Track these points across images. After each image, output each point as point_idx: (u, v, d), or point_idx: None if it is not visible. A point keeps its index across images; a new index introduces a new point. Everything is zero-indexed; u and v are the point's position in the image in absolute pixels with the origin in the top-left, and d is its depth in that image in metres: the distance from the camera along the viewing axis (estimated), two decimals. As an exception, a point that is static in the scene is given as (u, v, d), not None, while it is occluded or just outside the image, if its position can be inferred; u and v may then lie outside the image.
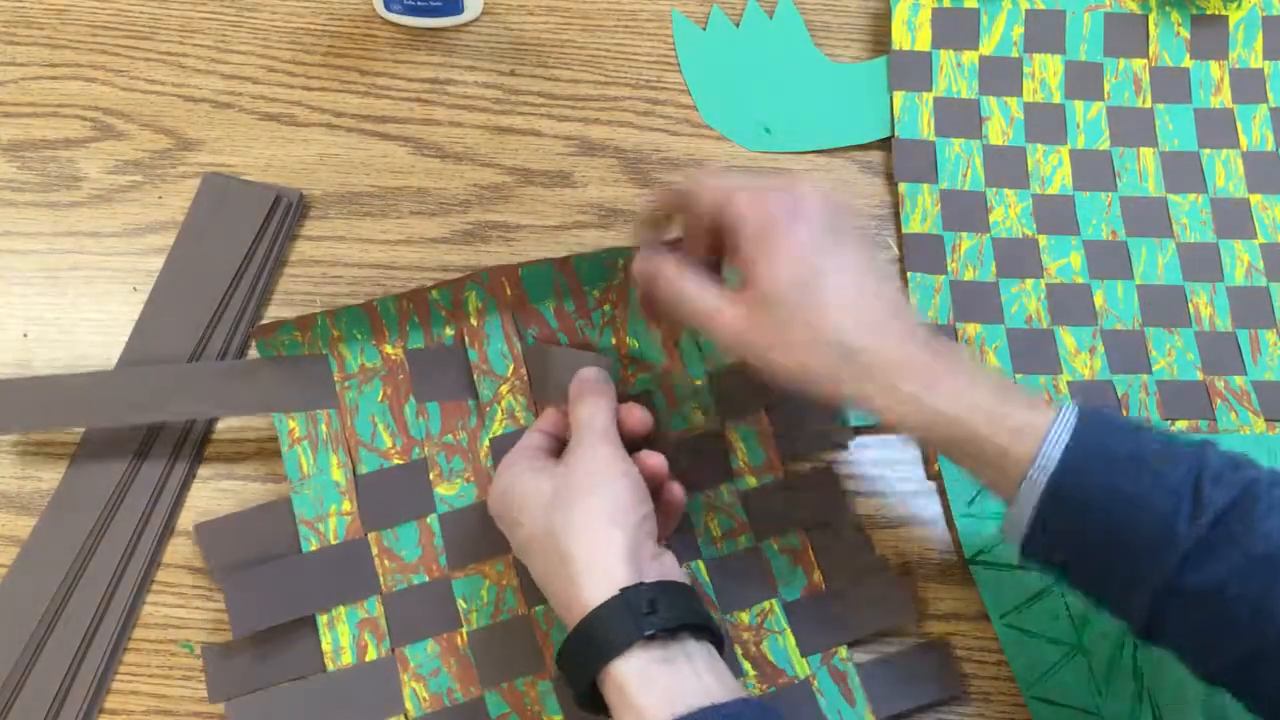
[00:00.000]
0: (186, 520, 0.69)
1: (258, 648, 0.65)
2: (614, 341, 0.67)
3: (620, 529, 0.56)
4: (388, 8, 0.83)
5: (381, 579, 0.66)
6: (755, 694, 0.65)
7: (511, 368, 0.68)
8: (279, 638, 0.65)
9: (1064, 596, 0.67)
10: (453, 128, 0.81)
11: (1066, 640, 0.67)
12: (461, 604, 0.66)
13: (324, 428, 0.68)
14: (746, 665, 0.66)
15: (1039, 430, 0.54)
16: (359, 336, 0.67)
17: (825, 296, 0.57)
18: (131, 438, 0.69)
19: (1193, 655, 0.54)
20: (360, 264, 0.76)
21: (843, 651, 0.66)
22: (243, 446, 0.71)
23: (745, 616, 0.67)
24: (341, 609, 0.65)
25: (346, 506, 0.67)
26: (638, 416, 0.63)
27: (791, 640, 0.66)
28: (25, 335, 0.72)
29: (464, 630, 0.66)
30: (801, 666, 0.66)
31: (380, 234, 0.77)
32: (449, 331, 0.68)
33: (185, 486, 0.69)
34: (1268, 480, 0.52)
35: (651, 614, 0.53)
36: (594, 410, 0.62)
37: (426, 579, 0.66)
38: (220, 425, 0.71)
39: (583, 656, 0.54)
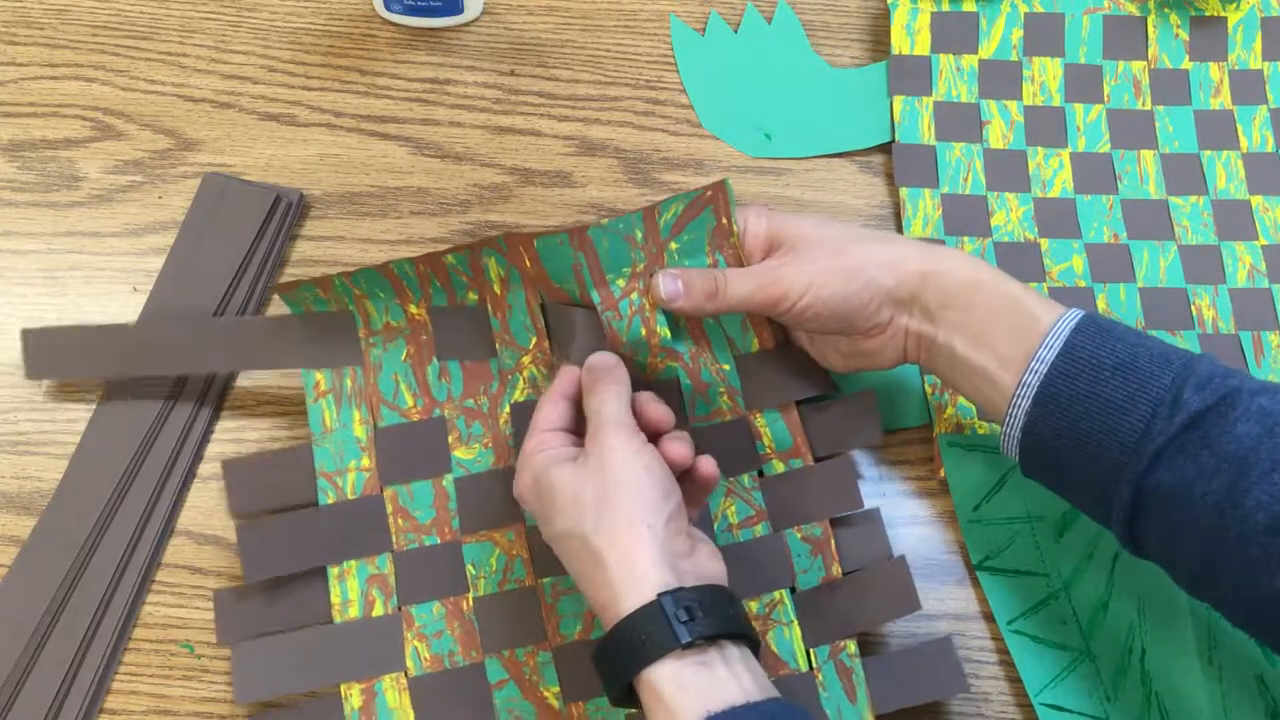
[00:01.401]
0: (186, 520, 0.69)
1: (268, 594, 0.66)
2: (644, 332, 0.66)
3: (650, 530, 0.56)
4: (388, 8, 0.83)
5: (394, 537, 0.67)
6: None
7: (534, 340, 0.68)
8: (289, 586, 0.66)
9: (1071, 602, 0.67)
10: (453, 128, 0.81)
11: (1074, 646, 0.66)
12: (470, 569, 0.67)
13: (349, 383, 0.69)
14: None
15: (1047, 322, 0.58)
16: (382, 295, 0.68)
17: (857, 230, 0.66)
18: (132, 437, 0.69)
19: (1170, 561, 0.56)
20: (360, 264, 0.75)
21: (851, 646, 0.66)
22: (243, 446, 0.71)
23: (754, 606, 0.67)
24: (353, 563, 0.66)
25: (366, 462, 0.68)
26: (659, 412, 0.63)
27: (798, 633, 0.66)
28: (25, 335, 0.72)
29: (470, 596, 0.66)
30: (804, 660, 0.65)
31: (380, 234, 0.77)
32: (472, 296, 0.69)
33: (185, 486, 0.69)
34: (1251, 388, 0.53)
35: (690, 621, 0.53)
36: (606, 399, 0.61)
37: (438, 541, 0.67)
38: (220, 424, 0.71)
39: (618, 660, 0.54)
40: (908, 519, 0.71)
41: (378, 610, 0.66)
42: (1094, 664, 0.66)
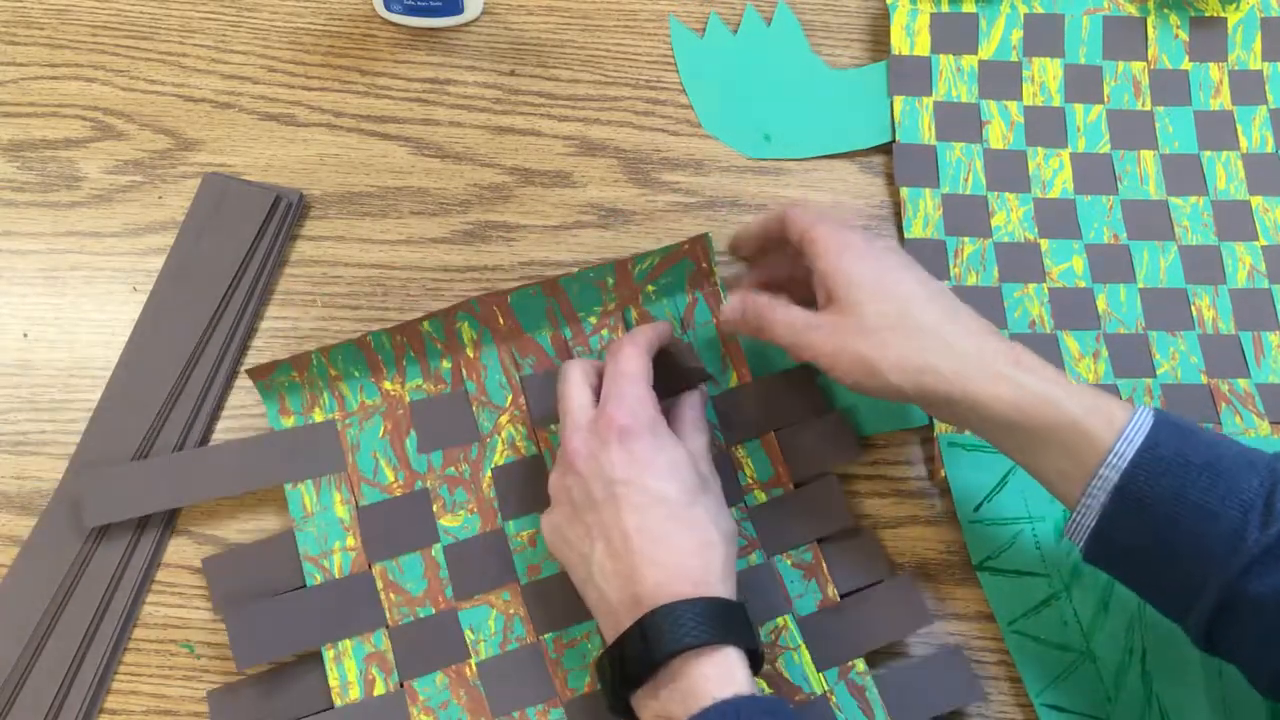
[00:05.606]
0: (186, 520, 0.69)
1: (263, 685, 0.64)
2: None
3: (724, 538, 0.59)
4: (388, 8, 0.83)
5: (387, 612, 0.66)
6: None
7: (510, 398, 0.68)
8: (285, 674, 0.64)
9: (1072, 603, 0.67)
10: (453, 128, 0.81)
11: (1075, 647, 0.66)
12: (469, 634, 0.65)
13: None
14: (762, 684, 0.65)
15: (1119, 424, 0.56)
16: (357, 374, 0.67)
17: (909, 289, 0.62)
18: (131, 438, 0.68)
19: (1253, 666, 0.55)
20: (360, 264, 0.76)
21: (860, 665, 0.65)
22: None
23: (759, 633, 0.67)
24: (348, 643, 0.65)
25: (351, 542, 0.66)
26: (659, 331, 0.66)
27: (807, 656, 0.65)
28: (25, 335, 0.72)
29: (472, 661, 0.65)
30: (818, 683, 0.65)
31: (380, 234, 0.77)
32: (446, 365, 0.68)
33: (185, 487, 0.69)
34: None
35: (731, 623, 0.56)
36: (683, 397, 0.66)
37: (433, 611, 0.66)
38: (219, 426, 0.71)
39: (661, 635, 0.55)
40: (908, 519, 0.71)
41: (379, 689, 0.64)
42: (1094, 664, 0.66)
